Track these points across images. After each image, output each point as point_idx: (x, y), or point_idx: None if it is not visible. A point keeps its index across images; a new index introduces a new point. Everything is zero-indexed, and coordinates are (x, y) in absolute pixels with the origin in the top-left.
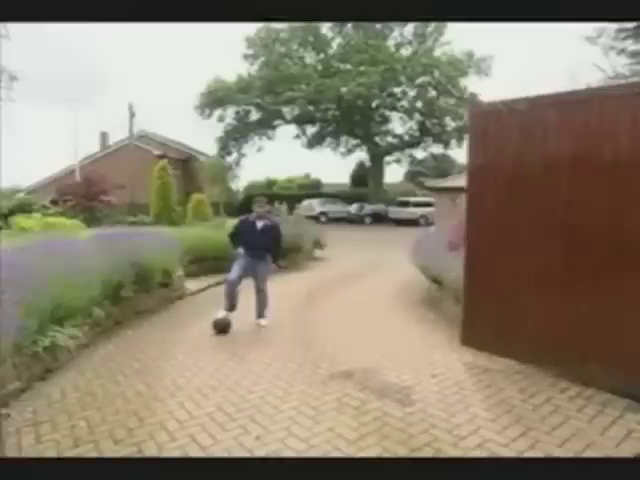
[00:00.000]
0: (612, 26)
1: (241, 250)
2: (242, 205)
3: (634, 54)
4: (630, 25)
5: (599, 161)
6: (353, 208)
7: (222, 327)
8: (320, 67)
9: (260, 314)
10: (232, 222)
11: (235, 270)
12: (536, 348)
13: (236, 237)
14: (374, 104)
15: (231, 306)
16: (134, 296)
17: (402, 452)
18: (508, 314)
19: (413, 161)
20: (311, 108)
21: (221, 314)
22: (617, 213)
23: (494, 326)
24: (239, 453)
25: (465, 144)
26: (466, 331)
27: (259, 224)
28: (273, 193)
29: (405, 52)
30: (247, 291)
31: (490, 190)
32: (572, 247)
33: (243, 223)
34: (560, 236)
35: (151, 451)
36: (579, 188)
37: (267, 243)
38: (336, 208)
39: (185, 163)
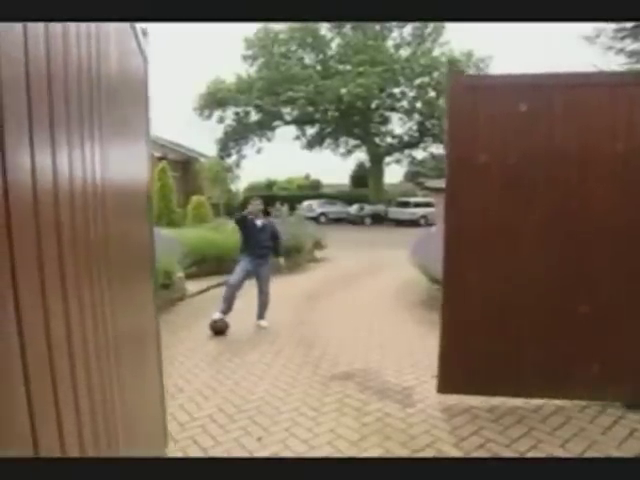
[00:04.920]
0: (610, 26)
1: (243, 254)
2: (242, 206)
3: (633, 53)
4: (629, 24)
5: (612, 153)
6: (353, 209)
7: (219, 329)
8: (319, 68)
9: (261, 315)
10: (232, 223)
11: (238, 273)
12: (542, 380)
13: (245, 240)
14: (373, 105)
15: (227, 309)
16: None
17: (403, 453)
18: (506, 345)
19: (413, 161)
20: (311, 109)
21: (217, 315)
22: (635, 213)
23: (487, 364)
24: (240, 455)
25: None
26: (446, 374)
27: (258, 222)
28: (273, 194)
29: (404, 53)
30: (247, 293)
31: (478, 187)
32: (583, 252)
33: (245, 220)
34: (569, 240)
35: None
36: (592, 185)
37: (268, 241)
38: (336, 209)
39: (185, 165)
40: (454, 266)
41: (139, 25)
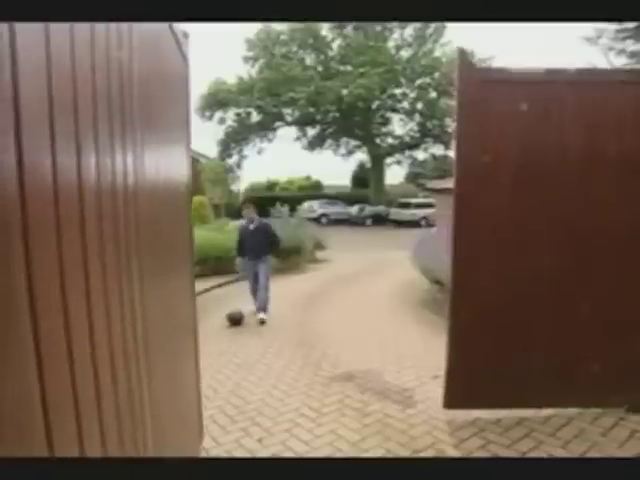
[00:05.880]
0: (612, 27)
1: (244, 256)
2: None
3: (634, 54)
4: (630, 25)
5: (619, 151)
6: (354, 210)
7: (236, 320)
8: (320, 69)
9: (260, 308)
10: (233, 223)
11: (249, 277)
12: (551, 389)
13: (240, 244)
14: (374, 105)
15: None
16: None
17: (404, 454)
18: (515, 355)
19: (414, 162)
20: (311, 110)
21: (250, 308)
22: None
23: (495, 376)
24: (241, 455)
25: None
26: (453, 388)
27: (251, 226)
28: (274, 195)
29: (405, 54)
30: (246, 292)
31: (489, 186)
32: (596, 256)
33: (241, 229)
34: (581, 244)
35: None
36: (600, 183)
37: (262, 242)
38: (337, 210)
39: None
40: (463, 272)
41: (180, 26)
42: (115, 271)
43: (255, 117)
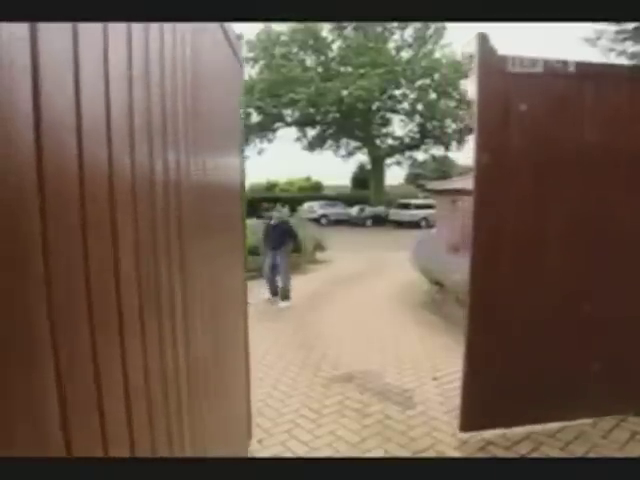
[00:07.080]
0: (611, 28)
1: (266, 247)
2: (250, 207)
3: (634, 55)
4: (630, 26)
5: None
6: (354, 210)
7: None
8: (320, 70)
9: (283, 297)
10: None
11: (266, 263)
12: (566, 402)
13: (265, 238)
14: (374, 107)
15: (272, 290)
16: None
17: (404, 455)
18: (533, 371)
19: (414, 163)
20: (312, 111)
21: (266, 295)
22: None
23: (512, 395)
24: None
25: (468, 143)
26: (469, 410)
27: (272, 223)
28: (274, 196)
29: (405, 55)
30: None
31: (512, 188)
32: (619, 266)
33: (266, 226)
34: (603, 252)
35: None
36: (621, 184)
37: (281, 237)
38: (337, 210)
39: None
40: (484, 286)
41: (234, 29)
42: (151, 265)
43: (255, 118)
